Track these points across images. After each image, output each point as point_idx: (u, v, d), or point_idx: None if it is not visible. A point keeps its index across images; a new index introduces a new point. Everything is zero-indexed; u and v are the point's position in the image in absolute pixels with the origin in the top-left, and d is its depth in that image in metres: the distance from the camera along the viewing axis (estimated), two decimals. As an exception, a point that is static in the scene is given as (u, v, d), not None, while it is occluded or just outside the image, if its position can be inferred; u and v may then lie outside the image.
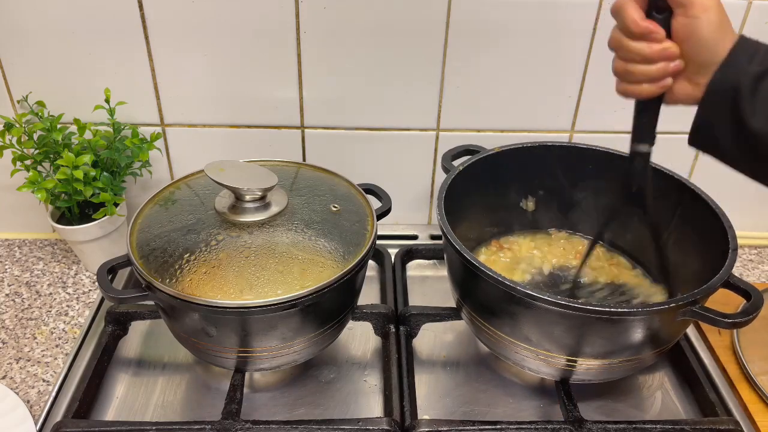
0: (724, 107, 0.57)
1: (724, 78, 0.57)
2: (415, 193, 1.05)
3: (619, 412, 0.77)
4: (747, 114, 0.55)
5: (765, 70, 0.55)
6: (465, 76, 0.93)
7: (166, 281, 0.66)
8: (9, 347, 0.85)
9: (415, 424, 0.70)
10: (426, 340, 0.86)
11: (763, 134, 0.55)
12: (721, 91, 0.57)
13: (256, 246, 0.70)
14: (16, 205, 1.02)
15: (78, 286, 0.96)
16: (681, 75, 0.60)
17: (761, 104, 0.55)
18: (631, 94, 0.63)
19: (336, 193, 0.80)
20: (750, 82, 0.55)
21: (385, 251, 0.97)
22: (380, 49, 0.91)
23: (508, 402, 0.78)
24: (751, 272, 1.02)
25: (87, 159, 0.86)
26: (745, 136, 0.56)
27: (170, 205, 0.77)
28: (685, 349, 0.82)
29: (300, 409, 0.77)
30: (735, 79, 0.56)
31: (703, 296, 0.65)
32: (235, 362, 0.74)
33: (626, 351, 0.68)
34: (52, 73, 0.91)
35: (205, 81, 0.93)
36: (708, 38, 0.57)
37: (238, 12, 0.87)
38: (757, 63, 0.56)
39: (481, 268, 0.67)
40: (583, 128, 0.98)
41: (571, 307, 0.63)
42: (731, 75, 0.56)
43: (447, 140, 0.98)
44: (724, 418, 0.74)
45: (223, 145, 0.98)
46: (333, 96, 0.95)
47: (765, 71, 0.55)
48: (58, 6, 0.86)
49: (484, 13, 0.88)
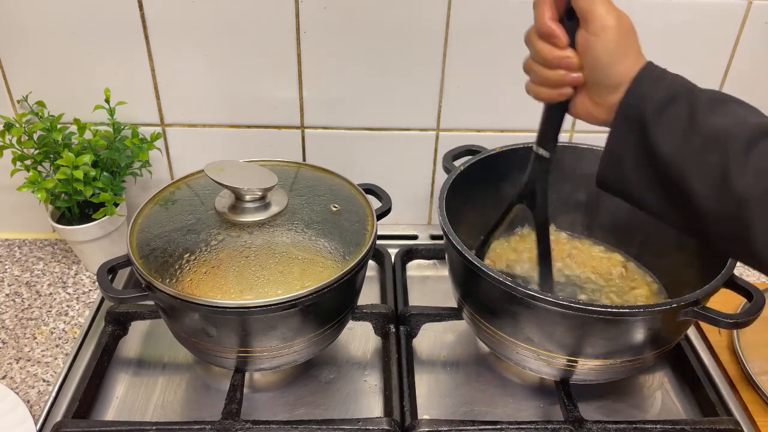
0: (632, 134, 0.55)
1: (630, 104, 0.55)
2: (415, 193, 1.05)
3: (619, 412, 0.77)
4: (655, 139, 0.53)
5: (671, 96, 0.53)
6: (465, 76, 0.93)
7: (166, 281, 0.66)
8: (9, 347, 0.85)
9: (415, 424, 0.70)
10: (426, 340, 0.86)
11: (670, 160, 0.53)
12: (628, 119, 0.55)
13: (256, 246, 0.70)
14: (16, 205, 1.02)
15: (78, 286, 0.96)
16: (583, 90, 0.59)
17: (668, 131, 0.53)
18: (533, 94, 0.62)
19: (336, 193, 0.80)
20: (655, 108, 0.53)
21: (385, 251, 0.97)
22: (380, 49, 0.91)
23: (508, 402, 0.78)
24: (752, 272, 1.02)
25: (87, 159, 0.86)
26: (654, 163, 0.54)
27: (170, 205, 0.77)
28: (685, 349, 0.82)
29: (300, 409, 0.77)
30: (641, 105, 0.54)
31: (704, 296, 0.65)
32: (235, 362, 0.74)
33: (627, 351, 0.68)
34: (52, 73, 0.91)
35: (205, 81, 0.93)
36: (602, 58, 0.55)
37: (238, 12, 0.87)
38: (663, 89, 0.54)
39: (482, 268, 0.67)
40: (583, 128, 0.98)
41: (572, 308, 0.63)
42: (636, 100, 0.54)
43: (447, 140, 0.98)
44: (724, 418, 0.74)
45: (223, 145, 0.98)
46: (333, 96, 0.95)
47: (671, 97, 0.53)
48: (58, 6, 0.86)
49: (484, 13, 0.88)
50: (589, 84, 0.58)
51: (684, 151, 0.52)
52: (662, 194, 0.55)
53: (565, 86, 0.59)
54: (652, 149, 0.54)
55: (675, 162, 0.53)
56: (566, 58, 0.57)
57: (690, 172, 0.52)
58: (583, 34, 0.56)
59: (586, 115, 0.60)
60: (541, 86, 0.60)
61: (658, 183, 0.55)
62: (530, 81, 0.62)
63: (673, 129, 0.53)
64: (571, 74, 0.58)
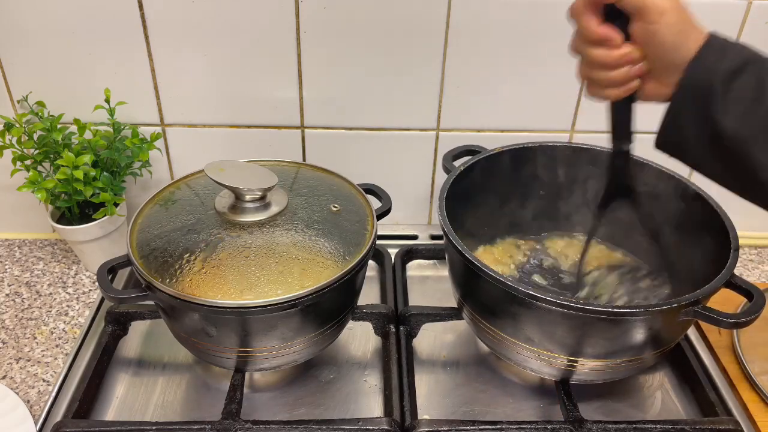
0: (695, 107, 0.56)
1: (694, 77, 0.55)
2: (415, 193, 1.05)
3: (619, 412, 0.77)
4: (719, 114, 0.54)
5: (737, 66, 0.54)
6: (465, 76, 0.93)
7: (166, 281, 0.66)
8: (9, 347, 0.85)
9: (415, 424, 0.70)
10: (426, 340, 0.86)
11: (734, 134, 0.54)
12: (691, 91, 0.56)
13: (256, 246, 0.70)
14: (16, 205, 1.02)
15: (78, 286, 0.96)
16: (650, 75, 0.59)
17: (733, 103, 0.54)
18: (600, 97, 0.62)
19: (336, 193, 0.80)
20: (722, 80, 0.54)
21: (385, 251, 0.97)
22: (380, 49, 0.91)
23: (508, 402, 0.78)
24: (752, 272, 1.02)
25: (87, 159, 0.86)
26: (715, 136, 0.55)
27: (170, 205, 0.77)
28: (685, 349, 0.82)
29: (300, 409, 0.77)
30: (706, 78, 0.54)
31: (705, 296, 0.65)
32: (235, 362, 0.74)
33: (628, 351, 0.68)
34: (52, 73, 0.91)
35: (205, 81, 0.93)
36: (669, 41, 0.55)
37: (238, 12, 0.87)
38: (729, 60, 0.54)
39: (482, 268, 0.66)
40: (583, 128, 0.98)
41: (572, 308, 0.62)
42: (701, 74, 0.55)
43: (447, 140, 0.98)
44: (724, 418, 0.74)
45: (223, 145, 0.98)
46: (333, 96, 0.95)
47: (737, 68, 0.54)
48: (58, 6, 0.86)
49: (484, 13, 0.88)
50: (657, 69, 0.58)
51: (748, 122, 0.53)
52: (722, 164, 0.56)
53: (632, 80, 0.60)
54: (715, 121, 0.54)
55: (739, 134, 0.53)
56: (627, 55, 0.58)
57: (753, 144, 0.53)
58: (641, 26, 0.56)
59: (658, 97, 0.60)
60: (607, 88, 0.61)
61: (719, 153, 0.56)
62: (592, 86, 0.62)
63: (738, 102, 0.53)
64: (635, 67, 0.59)
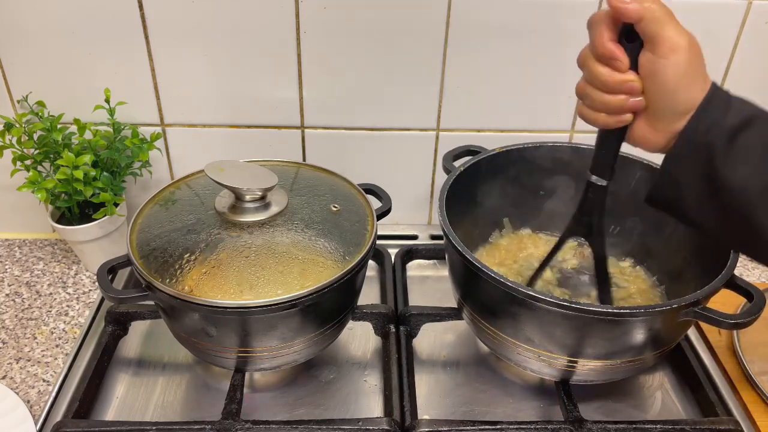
0: (697, 161, 0.52)
1: (698, 130, 0.52)
2: (415, 193, 1.05)
3: (619, 412, 0.77)
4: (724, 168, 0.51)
5: (743, 122, 0.51)
6: (465, 76, 0.93)
7: (166, 281, 0.66)
8: (9, 347, 0.85)
9: (415, 424, 0.70)
10: (426, 340, 0.86)
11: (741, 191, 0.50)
12: (693, 145, 0.52)
13: (256, 246, 0.70)
14: (16, 205, 1.02)
15: (78, 286, 0.96)
16: (644, 115, 0.56)
17: (740, 159, 0.50)
18: (588, 120, 0.58)
19: (336, 193, 0.80)
20: (728, 134, 0.51)
21: (385, 251, 0.97)
22: (380, 49, 0.91)
23: (508, 402, 0.78)
24: (751, 272, 1.02)
25: (87, 159, 0.86)
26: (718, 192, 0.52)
27: (170, 205, 0.77)
28: (685, 349, 0.82)
29: (300, 409, 0.77)
30: (710, 131, 0.51)
31: (705, 297, 0.65)
32: (235, 362, 0.74)
33: (628, 352, 0.68)
34: (52, 73, 0.91)
35: (205, 81, 0.93)
36: (672, 82, 0.52)
37: (238, 12, 0.87)
38: (734, 114, 0.51)
39: (482, 269, 0.66)
40: (584, 128, 0.98)
41: (572, 308, 0.62)
42: (706, 127, 0.52)
43: (447, 140, 0.98)
44: (724, 418, 0.74)
45: (223, 145, 0.98)
46: (333, 96, 0.95)
47: (743, 123, 0.51)
48: (58, 6, 0.86)
49: (484, 13, 0.88)
50: (652, 109, 0.55)
51: (755, 182, 0.50)
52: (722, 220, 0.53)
53: (625, 112, 0.56)
54: (719, 178, 0.51)
55: (745, 194, 0.51)
56: (628, 82, 0.54)
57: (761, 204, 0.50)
58: (649, 57, 0.52)
59: (643, 141, 0.57)
60: (598, 112, 0.57)
61: (719, 210, 0.53)
62: (584, 106, 0.58)
63: (745, 159, 0.50)
64: (632, 99, 0.54)
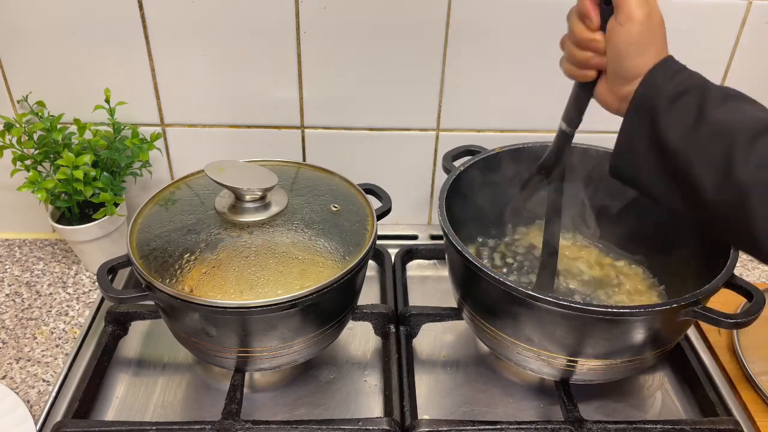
0: (644, 124, 0.56)
1: (643, 94, 0.56)
2: (415, 193, 1.05)
3: (619, 412, 0.77)
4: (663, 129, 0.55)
5: (683, 89, 0.55)
6: (465, 76, 0.93)
7: (166, 281, 0.66)
8: (9, 347, 0.85)
9: (415, 424, 0.70)
10: (426, 340, 0.86)
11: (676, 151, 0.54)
12: (640, 108, 0.56)
13: (256, 246, 0.70)
14: (16, 205, 1.02)
15: (78, 286, 0.96)
16: (605, 76, 0.60)
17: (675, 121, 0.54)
18: (562, 69, 0.64)
19: (336, 193, 0.80)
20: (667, 98, 0.55)
21: (385, 251, 0.97)
22: (380, 49, 0.91)
23: (508, 402, 0.78)
24: (751, 272, 1.02)
25: (87, 159, 0.86)
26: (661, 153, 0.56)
27: (170, 205, 0.77)
28: (685, 349, 0.82)
29: (300, 409, 0.77)
30: (653, 95, 0.55)
31: (705, 296, 0.65)
32: (235, 362, 0.74)
33: (628, 351, 0.68)
34: (52, 73, 0.91)
35: (205, 81, 0.93)
36: (622, 48, 0.57)
37: (238, 12, 0.87)
38: (676, 82, 0.55)
39: (482, 269, 0.67)
40: (583, 128, 0.98)
41: (572, 308, 0.63)
42: (649, 91, 0.56)
43: (447, 140, 0.98)
44: (724, 418, 0.74)
45: (223, 145, 0.98)
46: (333, 96, 0.95)
47: (683, 90, 0.55)
48: (58, 6, 0.86)
49: (484, 13, 0.88)
50: (609, 70, 0.59)
51: (691, 140, 0.54)
52: (670, 183, 0.57)
53: (589, 68, 0.61)
54: (661, 139, 0.55)
55: (682, 151, 0.54)
56: (593, 41, 0.59)
57: (696, 162, 0.53)
58: (612, 22, 0.57)
59: (603, 101, 0.61)
60: (569, 64, 0.62)
61: (666, 172, 0.56)
62: (563, 58, 0.63)
63: (682, 120, 0.54)
64: (596, 58, 0.59)
